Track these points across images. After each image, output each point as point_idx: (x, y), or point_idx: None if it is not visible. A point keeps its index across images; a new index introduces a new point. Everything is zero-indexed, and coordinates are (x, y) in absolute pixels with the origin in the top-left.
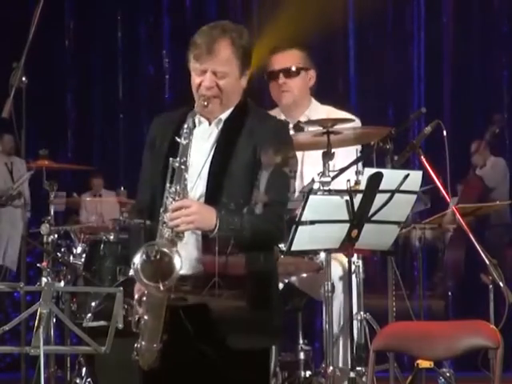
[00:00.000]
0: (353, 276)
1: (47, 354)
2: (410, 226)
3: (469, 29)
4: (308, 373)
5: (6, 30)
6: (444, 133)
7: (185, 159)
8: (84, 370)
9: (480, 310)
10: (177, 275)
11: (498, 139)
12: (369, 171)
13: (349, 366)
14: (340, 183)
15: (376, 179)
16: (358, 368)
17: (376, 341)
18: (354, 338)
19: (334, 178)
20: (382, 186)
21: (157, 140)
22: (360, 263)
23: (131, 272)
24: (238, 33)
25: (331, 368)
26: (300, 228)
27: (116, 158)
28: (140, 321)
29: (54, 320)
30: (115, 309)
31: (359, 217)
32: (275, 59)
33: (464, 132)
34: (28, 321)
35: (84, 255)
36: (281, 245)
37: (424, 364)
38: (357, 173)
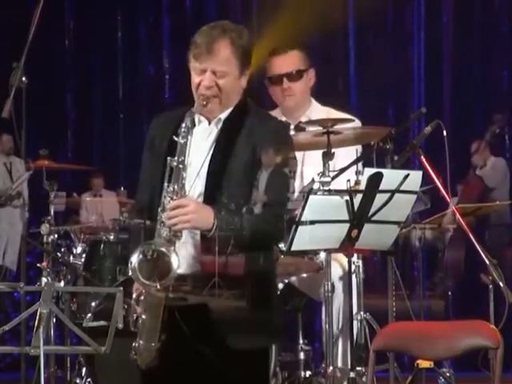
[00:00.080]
0: (353, 276)
1: (47, 354)
2: (410, 226)
3: (469, 29)
4: (308, 373)
5: (6, 30)
6: (444, 133)
7: (183, 158)
8: (84, 370)
9: (480, 310)
10: (174, 274)
11: (498, 139)
12: (369, 171)
13: (349, 366)
14: (340, 183)
15: (376, 179)
16: (358, 368)
17: (376, 341)
18: (354, 338)
19: (334, 178)
20: (382, 186)
21: (156, 140)
22: (360, 263)
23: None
24: (238, 33)
25: (331, 368)
26: (300, 228)
27: (116, 158)
28: (138, 320)
29: (54, 320)
30: (115, 309)
31: (359, 217)
32: (276, 62)
33: (464, 132)
34: (28, 321)
35: (84, 255)
36: (281, 245)
37: (424, 364)
38: (357, 173)
